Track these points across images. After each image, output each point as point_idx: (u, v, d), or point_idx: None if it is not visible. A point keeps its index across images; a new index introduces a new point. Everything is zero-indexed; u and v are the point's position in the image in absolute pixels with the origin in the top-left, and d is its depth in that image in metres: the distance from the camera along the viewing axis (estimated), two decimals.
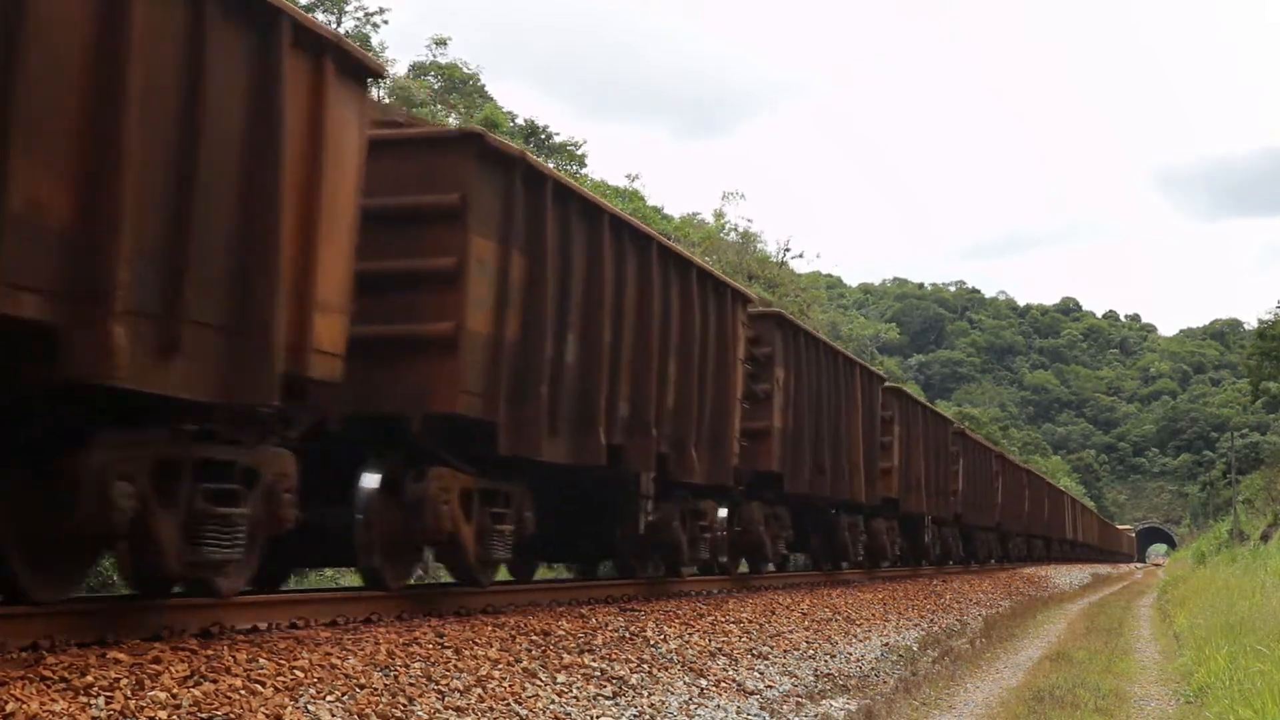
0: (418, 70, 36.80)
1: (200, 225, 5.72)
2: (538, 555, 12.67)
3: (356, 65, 7.00)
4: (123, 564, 6.63)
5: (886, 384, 22.02)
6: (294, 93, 6.33)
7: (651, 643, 9.15)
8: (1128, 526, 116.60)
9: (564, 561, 14.46)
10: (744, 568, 17.94)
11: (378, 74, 7.39)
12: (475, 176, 8.36)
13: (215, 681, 5.31)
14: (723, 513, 13.86)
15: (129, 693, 4.87)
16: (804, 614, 13.21)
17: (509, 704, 6.47)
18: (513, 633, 8.10)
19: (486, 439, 8.62)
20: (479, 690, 6.54)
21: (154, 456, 5.84)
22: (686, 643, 9.55)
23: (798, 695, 8.80)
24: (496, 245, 8.57)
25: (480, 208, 8.38)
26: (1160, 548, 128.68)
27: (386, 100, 28.51)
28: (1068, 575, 39.23)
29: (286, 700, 5.40)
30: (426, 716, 5.87)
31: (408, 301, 8.23)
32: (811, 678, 9.72)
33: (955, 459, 27.73)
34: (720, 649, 9.75)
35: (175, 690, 5.05)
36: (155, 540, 5.89)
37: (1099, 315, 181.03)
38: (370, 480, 8.19)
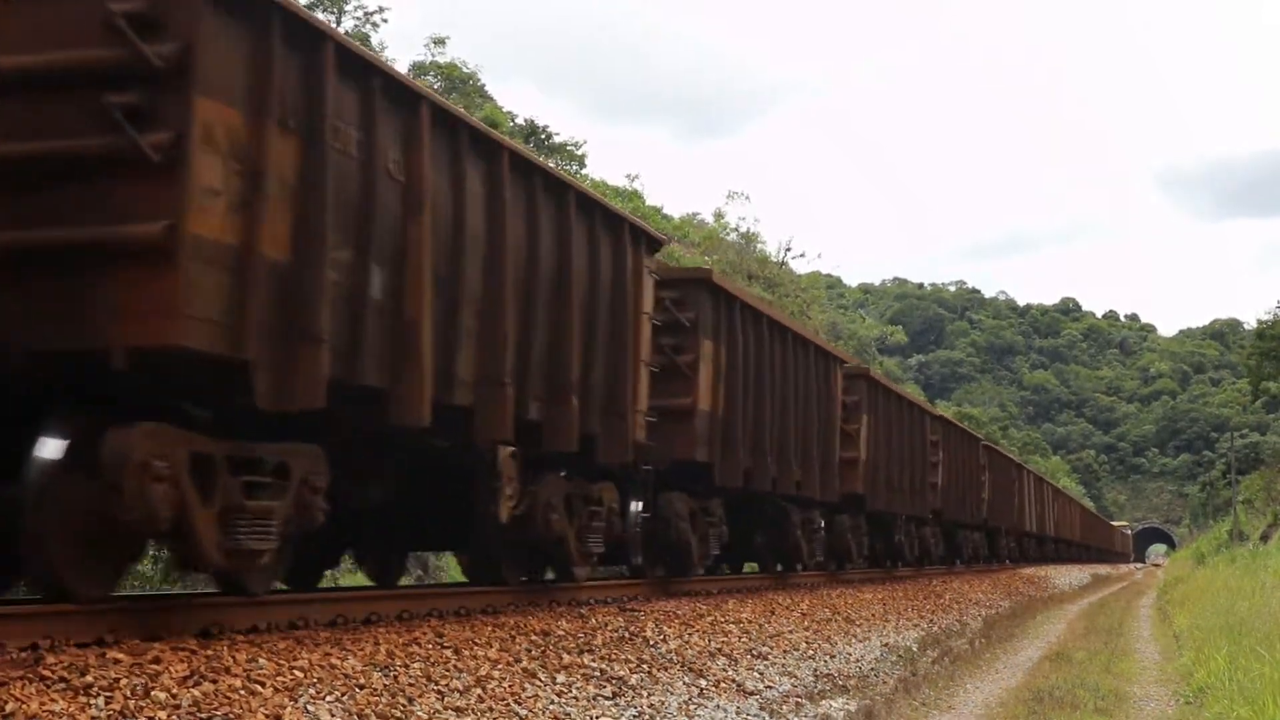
0: (418, 70, 36.78)
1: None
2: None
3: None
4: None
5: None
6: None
7: (651, 643, 9.15)
8: (1124, 523, 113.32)
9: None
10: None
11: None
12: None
13: (215, 681, 5.31)
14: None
15: (129, 693, 4.87)
16: (803, 614, 13.21)
17: (509, 704, 6.47)
18: (512, 633, 8.10)
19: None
20: (479, 690, 6.54)
21: None
22: (686, 643, 9.55)
23: (797, 695, 8.80)
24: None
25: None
26: (1160, 548, 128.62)
27: None
28: (1067, 576, 39.23)
29: (286, 700, 5.40)
30: (426, 716, 5.87)
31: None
32: (811, 678, 9.72)
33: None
34: (720, 649, 9.75)
35: (175, 690, 5.05)
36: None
37: (1099, 315, 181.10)
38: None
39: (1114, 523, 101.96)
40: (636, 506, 11.57)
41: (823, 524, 17.64)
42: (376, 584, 10.35)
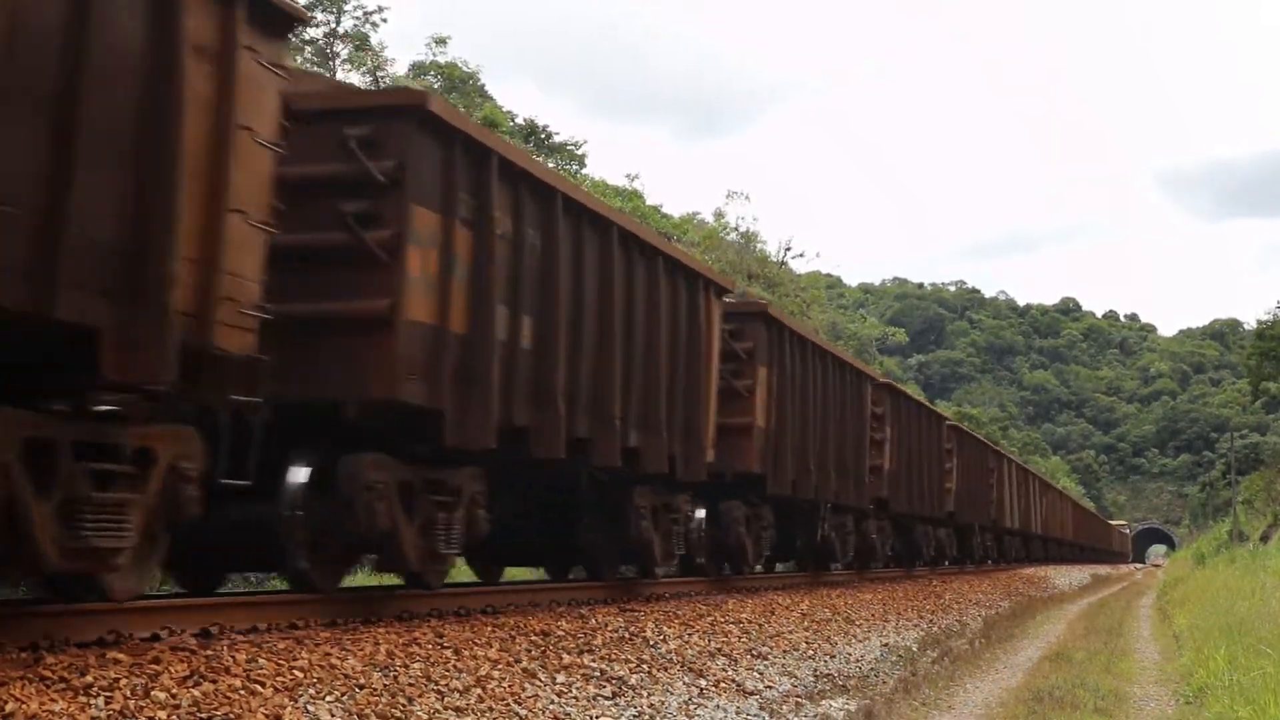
0: (418, 70, 36.79)
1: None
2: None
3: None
4: None
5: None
6: None
7: (651, 643, 9.16)
8: (1122, 523, 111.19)
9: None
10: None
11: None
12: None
13: (215, 681, 5.31)
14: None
15: (129, 693, 4.88)
16: (803, 614, 13.21)
17: (508, 704, 6.47)
18: (512, 633, 8.10)
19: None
20: (478, 690, 6.54)
21: None
22: (686, 643, 9.55)
23: (797, 695, 8.80)
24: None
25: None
26: (1160, 548, 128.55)
27: None
28: (1067, 576, 39.25)
29: (286, 700, 5.40)
30: (426, 716, 5.87)
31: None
32: (811, 678, 9.72)
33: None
34: (720, 649, 9.76)
35: (175, 690, 5.05)
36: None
37: (1099, 315, 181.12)
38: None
39: (1112, 522, 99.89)
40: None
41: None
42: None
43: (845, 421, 18.29)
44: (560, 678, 7.34)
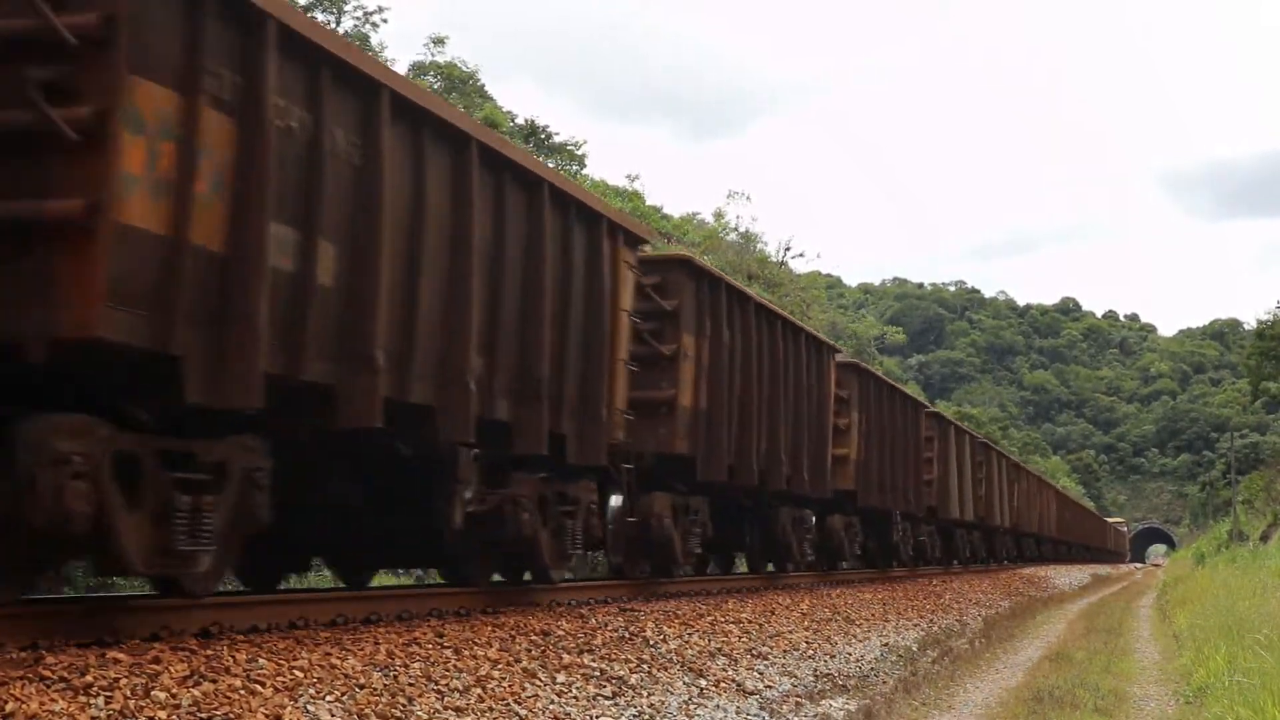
0: (417, 70, 36.79)
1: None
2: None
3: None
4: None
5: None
6: None
7: (651, 643, 9.15)
8: (1119, 519, 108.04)
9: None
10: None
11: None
12: None
13: (215, 681, 5.31)
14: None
15: (129, 693, 4.87)
16: (803, 614, 13.21)
17: (508, 704, 6.47)
18: (512, 633, 8.10)
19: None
20: (478, 690, 6.54)
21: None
22: (686, 643, 9.55)
23: (797, 695, 8.80)
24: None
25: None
26: (1160, 548, 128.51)
27: None
28: (1068, 576, 39.24)
29: (286, 700, 5.40)
30: (426, 716, 5.87)
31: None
32: (811, 678, 9.72)
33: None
34: (720, 649, 9.75)
35: (175, 690, 5.05)
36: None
37: (1099, 315, 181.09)
38: None
39: (1110, 519, 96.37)
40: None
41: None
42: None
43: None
44: (560, 677, 7.34)
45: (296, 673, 5.80)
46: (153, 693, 4.95)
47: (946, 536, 27.65)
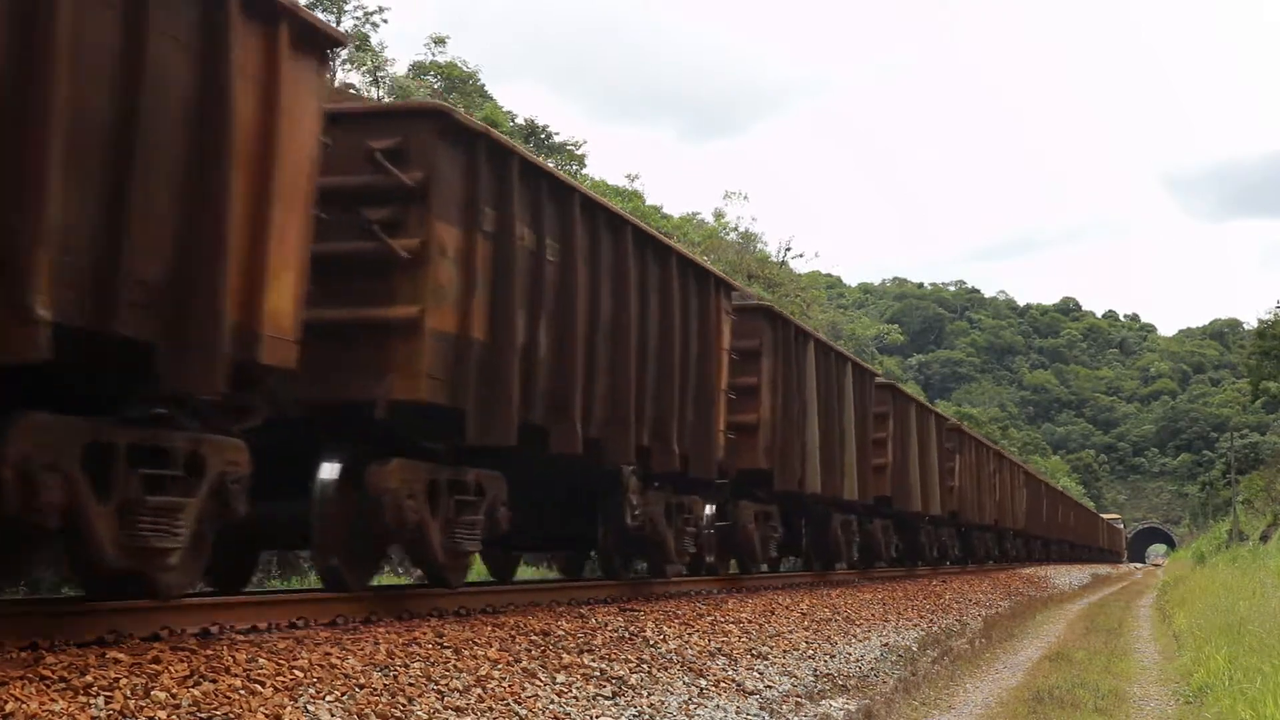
0: (417, 70, 36.78)
1: None
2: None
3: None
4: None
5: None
6: None
7: (651, 643, 9.16)
8: (1114, 515, 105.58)
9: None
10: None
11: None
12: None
13: (215, 681, 5.31)
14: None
15: (129, 693, 4.88)
16: (803, 614, 13.21)
17: (508, 704, 6.47)
18: (512, 633, 8.10)
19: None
20: (478, 690, 6.54)
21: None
22: (686, 643, 9.55)
23: (797, 695, 8.80)
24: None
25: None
26: (1160, 548, 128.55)
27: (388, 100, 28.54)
28: (1068, 575, 39.25)
29: (286, 700, 5.40)
30: (426, 716, 5.87)
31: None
32: (811, 678, 9.72)
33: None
34: (720, 649, 9.76)
35: (175, 690, 5.05)
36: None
37: (1099, 315, 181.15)
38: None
39: (1104, 515, 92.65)
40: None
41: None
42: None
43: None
44: (560, 677, 7.34)
45: (296, 672, 5.80)
46: (153, 693, 4.95)
47: (911, 532, 24.22)
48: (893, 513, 21.96)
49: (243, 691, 5.31)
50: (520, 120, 38.84)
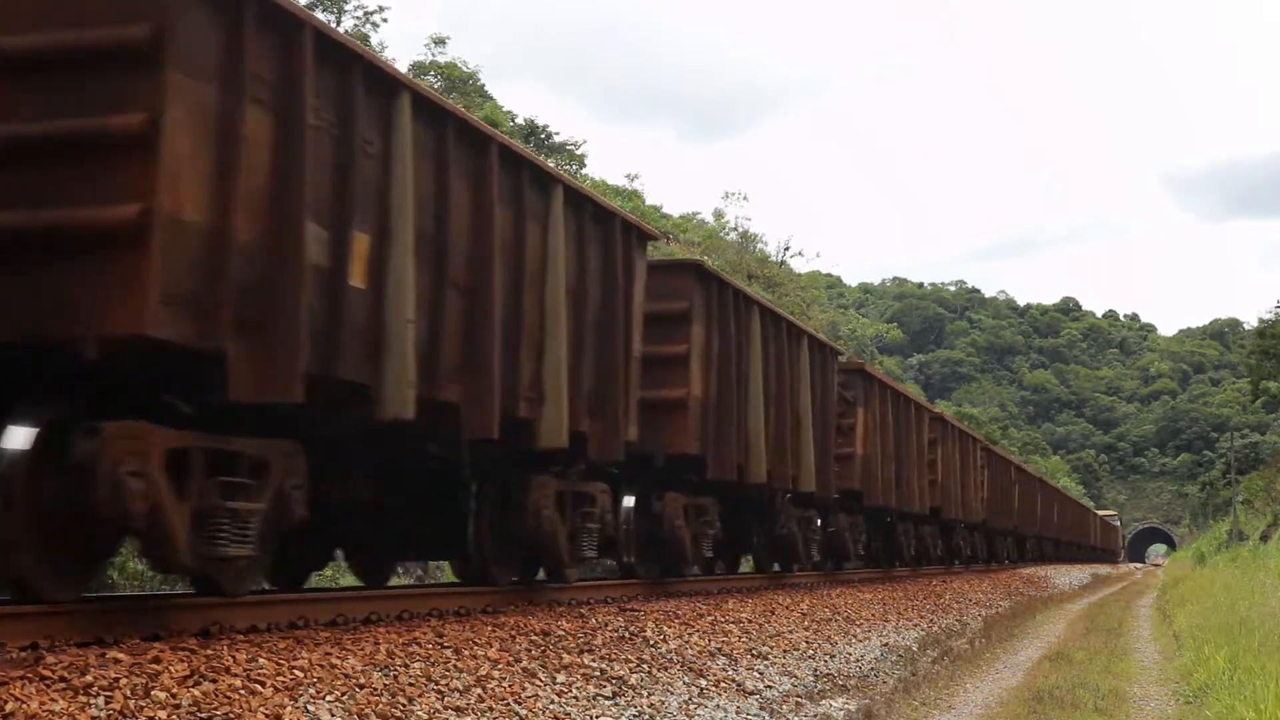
0: (418, 70, 36.78)
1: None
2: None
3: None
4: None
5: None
6: None
7: (651, 643, 9.15)
8: (1111, 512, 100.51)
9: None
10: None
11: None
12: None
13: (215, 681, 5.31)
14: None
15: (129, 693, 4.87)
16: (803, 614, 13.21)
17: (508, 704, 6.47)
18: (512, 633, 8.10)
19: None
20: (479, 690, 6.54)
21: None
22: (686, 643, 9.55)
23: (797, 695, 8.80)
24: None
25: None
26: (1160, 548, 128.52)
27: None
28: (1068, 576, 39.25)
29: (286, 700, 5.40)
30: (426, 716, 5.87)
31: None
32: (811, 678, 9.72)
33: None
34: (720, 649, 9.75)
35: (175, 690, 5.05)
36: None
37: (1099, 315, 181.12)
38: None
39: (1101, 512, 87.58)
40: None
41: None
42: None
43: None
44: (560, 677, 7.34)
45: (296, 672, 5.80)
46: (153, 693, 4.95)
47: (888, 532, 22.26)
48: (864, 509, 19.82)
49: (243, 691, 5.31)
50: (520, 120, 38.86)
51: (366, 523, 9.18)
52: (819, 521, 17.47)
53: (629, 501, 11.91)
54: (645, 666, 8.32)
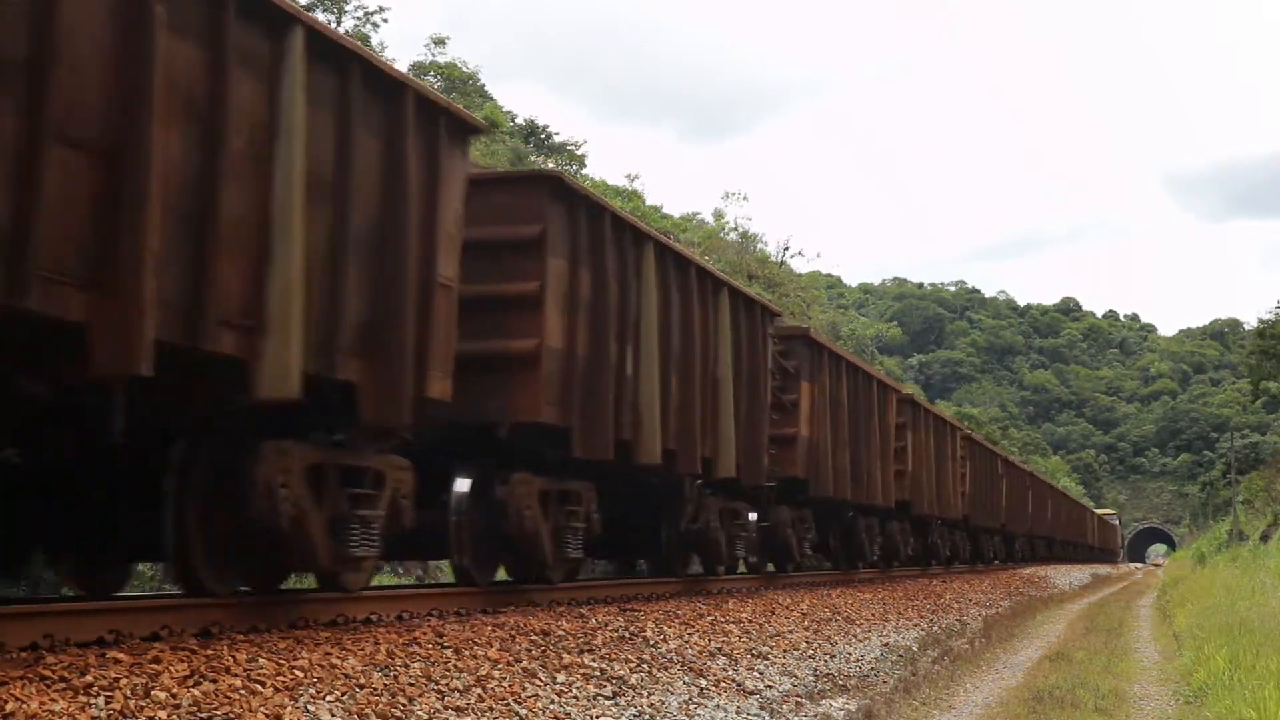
0: (418, 70, 36.78)
1: None
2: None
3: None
4: None
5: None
6: None
7: (651, 643, 9.15)
8: (1110, 511, 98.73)
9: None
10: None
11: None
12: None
13: (215, 681, 5.31)
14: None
15: (129, 693, 4.87)
16: (803, 614, 13.20)
17: (509, 704, 6.47)
18: (512, 633, 8.10)
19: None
20: (479, 690, 6.54)
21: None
22: (686, 643, 9.55)
23: (797, 695, 8.80)
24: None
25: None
26: (1160, 548, 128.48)
27: None
28: (1068, 576, 39.25)
29: (286, 700, 5.40)
30: (426, 716, 5.87)
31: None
32: (811, 677, 9.72)
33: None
34: (720, 649, 9.75)
35: (175, 690, 5.05)
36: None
37: (1099, 315, 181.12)
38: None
39: (1099, 510, 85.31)
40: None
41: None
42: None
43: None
44: (560, 677, 7.34)
45: (297, 672, 5.80)
46: (153, 693, 4.95)
47: (848, 529, 20.13)
48: (810, 502, 17.22)
49: (243, 691, 5.31)
50: (520, 120, 38.86)
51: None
52: (752, 515, 14.83)
53: (462, 485, 9.48)
54: (645, 666, 8.32)
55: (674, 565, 13.25)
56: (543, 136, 38.58)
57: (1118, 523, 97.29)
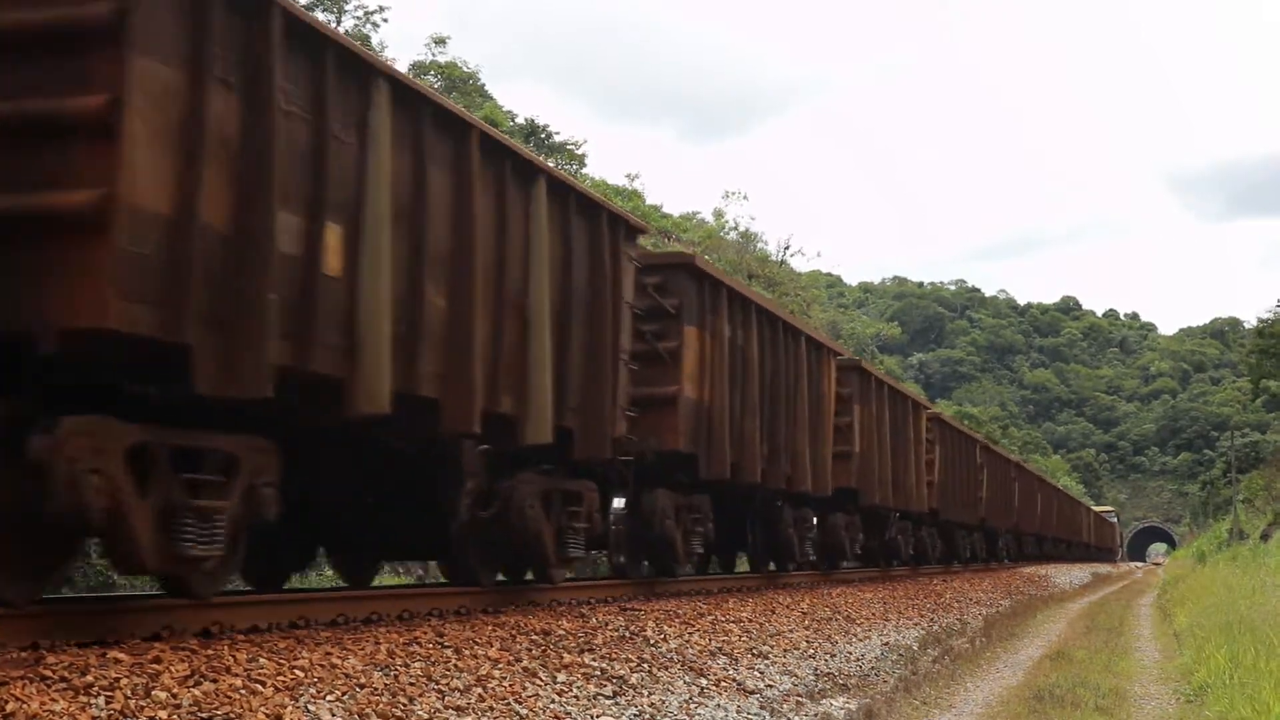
0: (418, 69, 36.78)
1: None
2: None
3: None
4: None
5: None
6: None
7: (651, 642, 9.15)
8: (1108, 508, 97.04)
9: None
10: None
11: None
12: None
13: (215, 681, 5.31)
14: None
15: (129, 693, 4.87)
16: (804, 613, 13.20)
17: (509, 703, 6.47)
18: (513, 632, 8.10)
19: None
20: (479, 690, 6.54)
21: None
22: (686, 642, 9.55)
23: (798, 694, 8.80)
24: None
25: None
26: (1160, 547, 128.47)
27: None
28: (1068, 575, 39.26)
29: (286, 700, 5.40)
30: (426, 716, 5.87)
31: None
32: (811, 677, 9.72)
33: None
34: (720, 648, 9.75)
35: (175, 690, 5.05)
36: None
37: (1099, 314, 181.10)
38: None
39: (1096, 508, 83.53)
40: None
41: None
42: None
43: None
44: (561, 677, 7.34)
45: (297, 672, 5.80)
46: (153, 692, 4.95)
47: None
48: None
49: (243, 691, 5.31)
50: (520, 120, 38.84)
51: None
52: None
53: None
54: (646, 666, 8.32)
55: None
56: (543, 136, 38.56)
57: (1116, 520, 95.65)
